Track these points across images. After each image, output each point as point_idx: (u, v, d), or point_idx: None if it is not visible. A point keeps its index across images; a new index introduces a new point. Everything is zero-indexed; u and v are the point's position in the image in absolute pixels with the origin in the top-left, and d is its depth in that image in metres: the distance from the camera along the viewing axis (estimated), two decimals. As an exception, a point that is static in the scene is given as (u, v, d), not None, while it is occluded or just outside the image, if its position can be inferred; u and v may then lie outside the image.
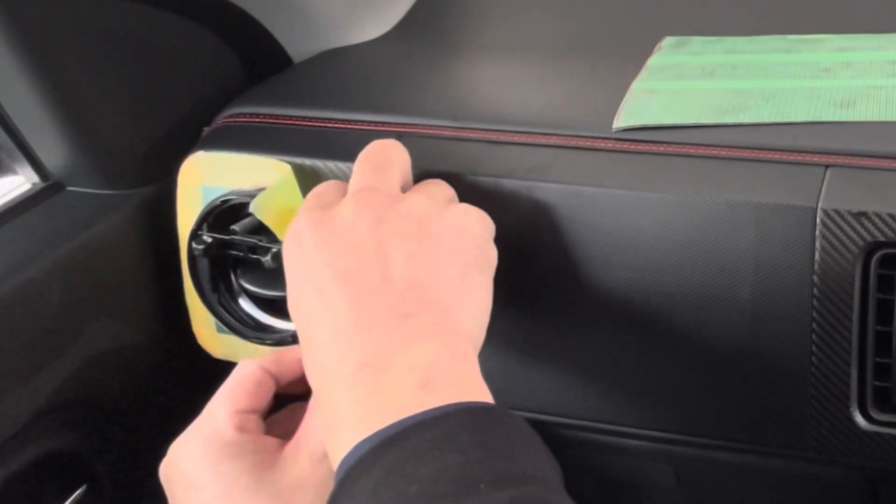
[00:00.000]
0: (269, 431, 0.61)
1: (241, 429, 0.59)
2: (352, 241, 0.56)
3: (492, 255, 0.59)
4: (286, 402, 0.64)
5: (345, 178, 0.68)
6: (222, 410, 0.60)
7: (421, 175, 0.64)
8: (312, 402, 0.60)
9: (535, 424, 0.51)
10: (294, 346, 0.63)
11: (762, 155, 0.63)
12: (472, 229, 0.58)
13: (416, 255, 0.55)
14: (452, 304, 0.55)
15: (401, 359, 0.51)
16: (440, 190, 0.62)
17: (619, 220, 0.62)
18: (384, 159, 0.61)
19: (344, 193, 0.60)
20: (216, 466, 0.57)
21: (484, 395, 0.52)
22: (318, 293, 0.55)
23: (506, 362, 0.69)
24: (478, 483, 0.45)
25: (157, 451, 0.63)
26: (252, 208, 0.65)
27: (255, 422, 0.60)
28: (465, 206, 0.60)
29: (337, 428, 0.51)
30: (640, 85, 0.72)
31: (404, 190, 0.61)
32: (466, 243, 0.57)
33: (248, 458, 0.57)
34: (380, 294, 0.54)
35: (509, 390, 0.70)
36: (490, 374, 0.69)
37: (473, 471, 0.46)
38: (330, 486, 0.54)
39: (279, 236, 0.65)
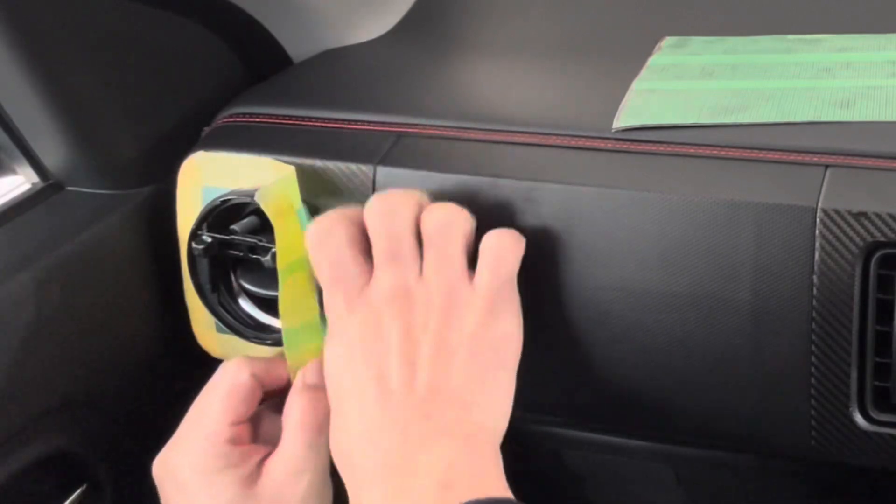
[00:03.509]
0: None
1: (234, 441, 0.62)
2: (384, 346, 0.59)
3: (514, 348, 0.60)
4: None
5: (344, 177, 0.68)
6: (219, 420, 0.63)
7: (420, 180, 0.64)
8: (285, 414, 0.63)
9: (536, 424, 0.52)
10: (282, 359, 0.65)
11: (762, 155, 0.63)
12: (493, 331, 0.59)
13: (438, 361, 0.58)
14: (473, 402, 0.57)
15: (422, 459, 0.55)
16: (455, 247, 0.60)
17: (619, 220, 0.62)
18: (395, 227, 0.61)
19: (363, 261, 0.61)
20: (207, 476, 0.61)
21: (502, 490, 0.55)
22: (354, 382, 0.59)
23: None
24: None
25: (157, 450, 0.64)
26: (257, 197, 0.65)
27: (246, 432, 0.64)
28: (489, 305, 0.59)
29: None
30: (640, 85, 0.72)
31: (420, 211, 0.61)
32: (486, 346, 0.59)
33: (236, 472, 0.61)
34: (404, 396, 0.57)
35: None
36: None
37: None
38: (309, 496, 0.60)
39: (276, 228, 0.65)
